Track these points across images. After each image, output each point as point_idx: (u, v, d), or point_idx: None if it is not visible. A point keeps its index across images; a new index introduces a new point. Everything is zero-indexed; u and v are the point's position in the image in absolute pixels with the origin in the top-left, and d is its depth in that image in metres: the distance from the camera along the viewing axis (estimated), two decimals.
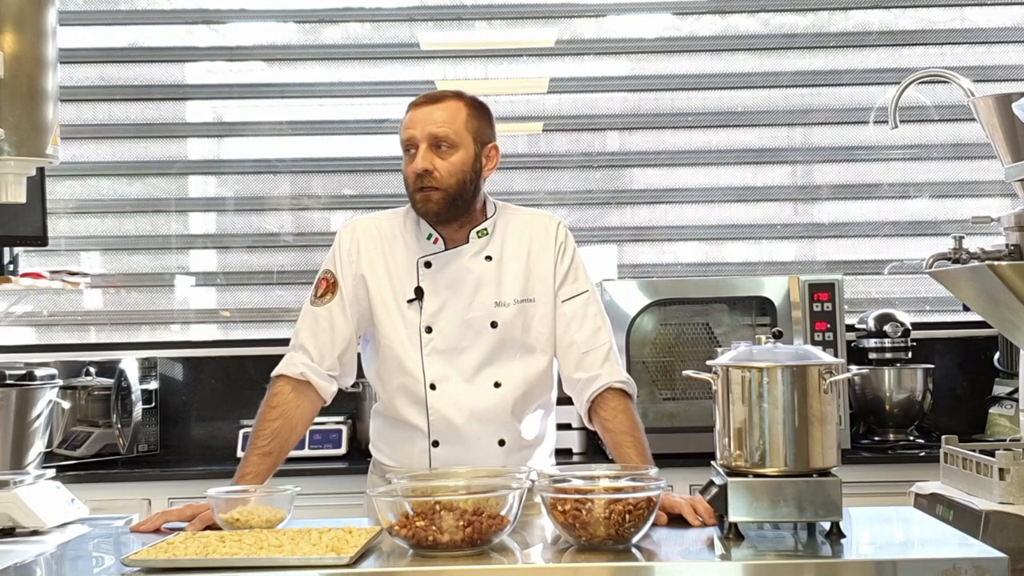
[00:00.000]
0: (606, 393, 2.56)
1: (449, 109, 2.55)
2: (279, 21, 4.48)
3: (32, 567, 2.09)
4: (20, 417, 3.37)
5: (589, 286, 2.65)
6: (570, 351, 2.59)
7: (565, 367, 2.62)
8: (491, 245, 2.61)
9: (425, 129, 2.52)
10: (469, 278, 2.59)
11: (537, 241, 2.63)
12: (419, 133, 2.53)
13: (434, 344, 2.56)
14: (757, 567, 1.93)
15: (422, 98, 2.58)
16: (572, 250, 2.65)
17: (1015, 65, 4.35)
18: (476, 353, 2.57)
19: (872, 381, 3.91)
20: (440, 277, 2.59)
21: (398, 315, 2.58)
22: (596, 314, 2.62)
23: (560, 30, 4.43)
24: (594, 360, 2.58)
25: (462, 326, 2.57)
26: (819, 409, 2.07)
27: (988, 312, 2.87)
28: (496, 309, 2.57)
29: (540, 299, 2.60)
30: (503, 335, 2.57)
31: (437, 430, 2.56)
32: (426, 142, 2.52)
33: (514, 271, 2.60)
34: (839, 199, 4.41)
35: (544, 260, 2.62)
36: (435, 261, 2.60)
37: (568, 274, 2.62)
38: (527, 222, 2.66)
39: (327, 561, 1.90)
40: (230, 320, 4.39)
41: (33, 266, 3.90)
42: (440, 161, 2.52)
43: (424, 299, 2.57)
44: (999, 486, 2.58)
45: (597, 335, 2.60)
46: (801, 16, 4.44)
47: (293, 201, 4.41)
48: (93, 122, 4.39)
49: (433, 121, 2.53)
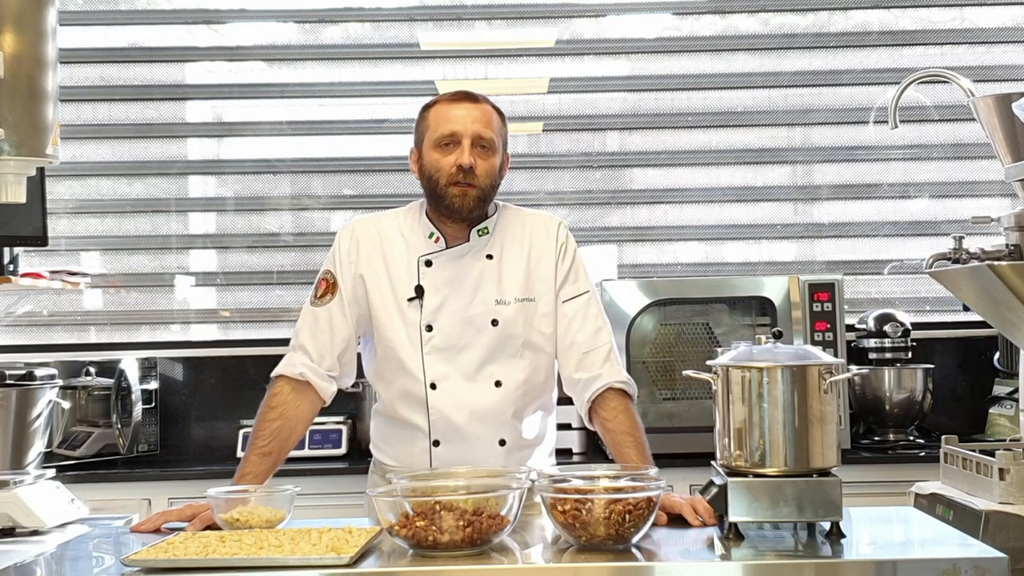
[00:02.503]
0: (607, 393, 2.56)
1: (487, 113, 2.57)
2: (279, 21, 4.48)
3: (32, 567, 2.09)
4: (20, 417, 3.37)
5: (590, 287, 2.65)
6: (571, 351, 2.60)
7: (566, 367, 2.62)
8: (492, 244, 2.62)
9: (470, 127, 2.52)
10: (470, 276, 2.59)
11: (538, 241, 2.63)
12: (464, 129, 2.52)
13: (434, 342, 2.56)
14: (757, 567, 1.93)
15: (459, 94, 2.58)
16: (573, 251, 2.66)
17: (1015, 65, 4.35)
18: (477, 351, 2.57)
19: (872, 381, 3.91)
20: (441, 275, 2.59)
21: (398, 314, 2.58)
22: (597, 315, 2.63)
23: (560, 30, 4.43)
24: (595, 360, 2.58)
25: (462, 324, 2.57)
26: (819, 409, 2.07)
27: (988, 312, 2.87)
28: (497, 307, 2.58)
29: (541, 299, 2.60)
30: (504, 333, 2.57)
31: (438, 429, 2.56)
32: (470, 139, 2.52)
33: (515, 270, 2.61)
34: (839, 199, 4.41)
35: (545, 260, 2.62)
36: (436, 260, 2.60)
37: (569, 274, 2.63)
38: (528, 222, 2.67)
39: (327, 561, 1.90)
40: (230, 320, 4.39)
41: (33, 266, 3.90)
42: (481, 161, 2.53)
43: (424, 297, 2.57)
44: (999, 486, 2.58)
45: (598, 335, 2.60)
46: (801, 16, 4.44)
47: (293, 201, 4.41)
48: (93, 122, 4.39)
49: (478, 120, 2.53)
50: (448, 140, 2.53)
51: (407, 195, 4.28)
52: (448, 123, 2.54)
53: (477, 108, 2.55)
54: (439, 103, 2.59)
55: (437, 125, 2.55)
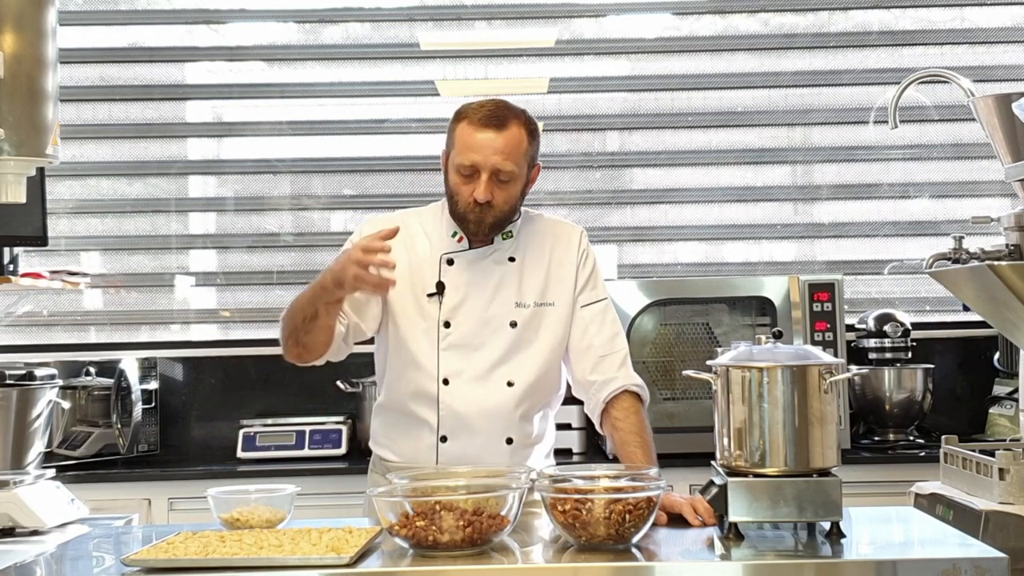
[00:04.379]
0: (620, 395, 2.59)
1: (513, 139, 2.50)
2: (279, 21, 4.48)
3: (32, 567, 2.09)
4: (20, 417, 3.37)
5: (607, 295, 2.70)
6: (587, 354, 2.63)
7: (580, 370, 2.64)
8: (515, 247, 2.64)
9: (489, 159, 2.49)
10: (491, 277, 2.61)
11: (559, 247, 2.67)
12: (483, 161, 2.49)
13: (451, 339, 2.58)
14: (757, 567, 1.93)
15: (486, 118, 2.50)
16: (593, 259, 2.70)
17: (1015, 65, 4.35)
18: (492, 351, 2.59)
19: (872, 381, 3.91)
20: (462, 275, 2.61)
21: (416, 309, 2.60)
22: (613, 321, 2.68)
23: (560, 30, 4.43)
24: (611, 364, 2.62)
25: (480, 323, 2.59)
26: (819, 409, 2.07)
27: (988, 312, 2.88)
28: (516, 309, 2.61)
29: (559, 303, 2.63)
30: (520, 335, 2.60)
31: (446, 425, 2.57)
32: (488, 172, 2.49)
33: (535, 274, 2.64)
34: (839, 199, 4.41)
35: (566, 266, 2.66)
36: (458, 259, 2.62)
37: (589, 281, 2.67)
38: (550, 228, 2.70)
39: (327, 561, 1.90)
40: (230, 320, 4.38)
41: (33, 266, 3.89)
42: (499, 192, 2.52)
43: (445, 294, 2.60)
44: (999, 486, 2.58)
45: (615, 340, 2.65)
46: (801, 16, 4.44)
47: (293, 201, 4.41)
48: (93, 122, 4.39)
49: (499, 151, 2.49)
50: (468, 171, 2.52)
51: (407, 195, 4.30)
52: (469, 152, 2.50)
53: (501, 137, 2.49)
54: (467, 120, 2.52)
55: (460, 149, 2.52)
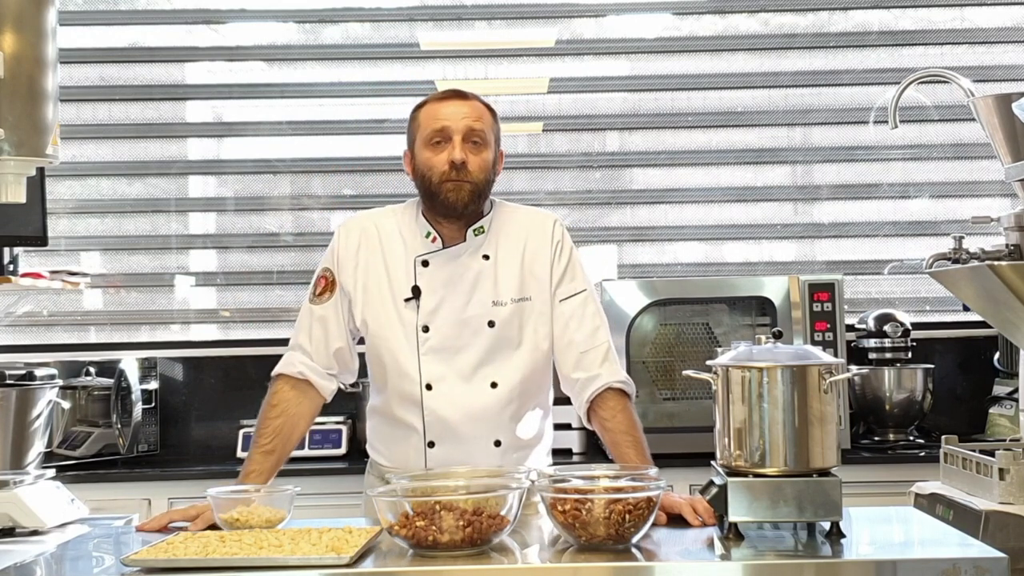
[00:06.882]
0: (605, 393, 2.55)
1: (477, 108, 2.57)
2: (279, 21, 4.48)
3: (32, 567, 2.09)
4: (20, 417, 3.37)
5: (587, 285, 2.63)
6: (568, 351, 2.58)
7: (563, 367, 2.61)
8: (488, 243, 2.60)
9: (461, 122, 2.52)
10: (467, 277, 2.58)
11: (533, 239, 2.62)
12: (454, 125, 2.52)
13: (431, 343, 2.56)
14: (757, 567, 1.93)
15: (448, 93, 2.59)
16: (569, 249, 2.64)
17: (1015, 65, 4.35)
18: (473, 352, 2.56)
19: (872, 381, 3.91)
20: (437, 276, 2.58)
21: (395, 314, 2.58)
22: (594, 313, 2.61)
23: (560, 30, 4.43)
24: (593, 360, 2.57)
25: (459, 325, 2.56)
26: (819, 409, 2.07)
27: (988, 312, 2.87)
28: (494, 308, 2.57)
29: (536, 298, 2.59)
30: (500, 334, 2.56)
31: (433, 431, 2.56)
32: (461, 135, 2.52)
33: (511, 269, 2.59)
34: (839, 199, 4.41)
35: (541, 258, 2.60)
36: (433, 260, 2.59)
37: (566, 273, 2.61)
38: (523, 220, 2.65)
39: (327, 561, 1.90)
40: (230, 320, 4.39)
41: (33, 266, 3.89)
42: (473, 156, 2.53)
43: (421, 298, 2.57)
44: (999, 486, 2.58)
45: (596, 334, 2.59)
46: (801, 16, 4.44)
47: (293, 201, 4.41)
48: (93, 122, 4.39)
49: (468, 115, 2.53)
50: (439, 137, 2.53)
51: (407, 195, 4.24)
52: (438, 120, 2.54)
53: (467, 104, 2.56)
54: (428, 103, 2.59)
55: (427, 123, 2.55)
